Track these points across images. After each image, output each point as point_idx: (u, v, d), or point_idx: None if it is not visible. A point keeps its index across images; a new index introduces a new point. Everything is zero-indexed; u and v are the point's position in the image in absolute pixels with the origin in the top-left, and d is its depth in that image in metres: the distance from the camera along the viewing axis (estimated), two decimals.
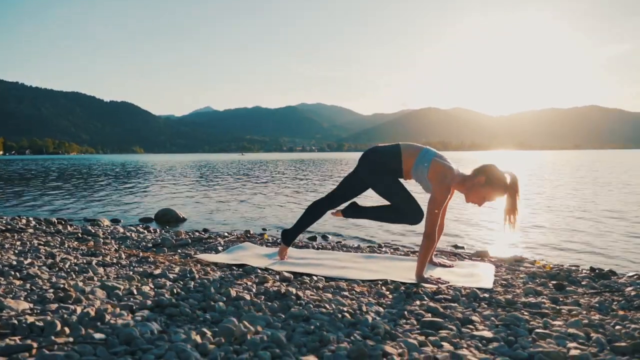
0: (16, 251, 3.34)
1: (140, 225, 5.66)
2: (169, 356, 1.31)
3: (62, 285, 2.18)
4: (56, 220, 5.63)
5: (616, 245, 4.64)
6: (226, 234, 5.01)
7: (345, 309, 2.07)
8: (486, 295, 2.44)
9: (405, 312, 2.05)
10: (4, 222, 5.16)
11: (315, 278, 2.84)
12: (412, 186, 3.05)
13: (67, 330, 1.49)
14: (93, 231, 4.77)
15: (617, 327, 1.88)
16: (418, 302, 2.28)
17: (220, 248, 3.97)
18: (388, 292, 2.52)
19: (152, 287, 2.36)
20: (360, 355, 1.39)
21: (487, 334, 1.74)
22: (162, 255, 3.50)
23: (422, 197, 2.89)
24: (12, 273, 2.46)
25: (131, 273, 2.71)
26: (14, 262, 2.81)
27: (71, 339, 1.41)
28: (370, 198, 4.06)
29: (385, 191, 3.04)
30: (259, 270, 3.03)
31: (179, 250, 3.88)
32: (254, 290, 2.42)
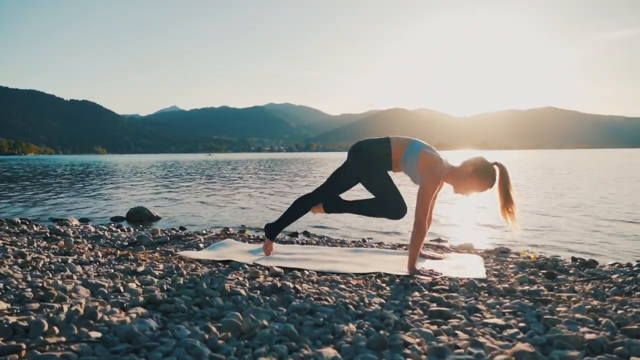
0: None
1: (113, 225, 5.40)
2: (178, 353, 1.20)
3: (40, 284, 2.01)
4: (20, 221, 5.30)
5: (589, 237, 4.77)
6: (204, 231, 4.84)
7: (347, 301, 2.00)
8: (484, 284, 2.42)
9: (410, 303, 1.99)
10: None
11: (307, 272, 2.75)
12: (398, 179, 3.02)
13: (56, 329, 1.35)
14: (62, 230, 4.50)
15: (619, 311, 1.89)
16: (417, 293, 2.24)
17: (201, 245, 3.82)
18: (385, 284, 2.47)
19: (139, 284, 2.21)
20: (382, 345, 1.32)
21: (498, 321, 1.70)
22: (142, 253, 3.33)
23: (410, 190, 2.86)
24: None
25: (112, 271, 2.54)
26: None
27: (63, 339, 1.27)
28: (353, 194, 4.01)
29: (373, 184, 3.00)
30: (247, 266, 2.92)
31: (158, 248, 3.71)
32: (247, 285, 2.31)
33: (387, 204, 2.96)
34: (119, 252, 3.34)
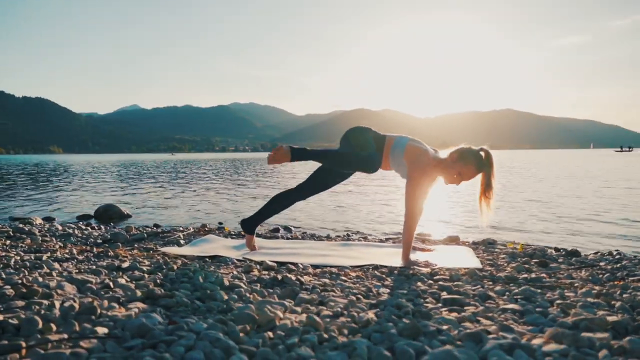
0: None
1: (81, 223, 5.10)
2: (202, 346, 1.08)
3: (19, 281, 1.82)
4: None
5: (563, 228, 4.91)
6: (182, 228, 4.65)
7: (355, 291, 1.92)
8: (485, 273, 2.41)
9: (420, 292, 1.94)
10: None
11: (301, 266, 2.66)
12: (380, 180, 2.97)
13: (53, 326, 1.20)
14: (26, 229, 4.20)
15: (625, 295, 1.91)
16: (420, 283, 2.19)
17: (182, 242, 3.65)
18: (385, 275, 2.41)
19: (128, 279, 2.05)
20: (416, 332, 1.25)
21: (515, 306, 1.67)
22: (121, 250, 3.13)
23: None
24: None
25: (94, 267, 2.36)
26: None
27: (65, 336, 1.13)
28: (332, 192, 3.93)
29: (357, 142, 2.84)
30: (236, 261, 2.80)
31: (136, 245, 3.51)
32: (244, 278, 2.20)
33: (365, 155, 2.78)
34: (95, 249, 3.13)
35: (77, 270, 2.27)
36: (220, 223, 5.28)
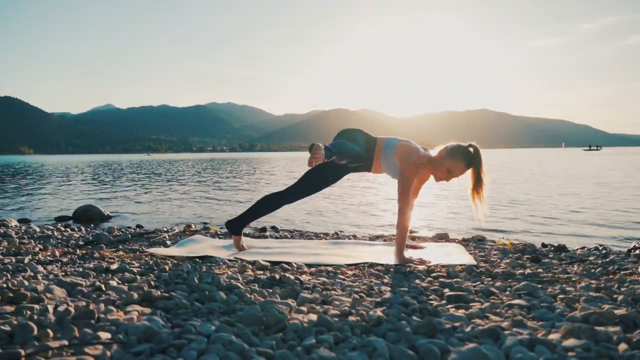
0: None
1: (60, 224, 4.92)
2: (216, 350, 1.02)
3: (4, 285, 1.71)
4: None
5: (543, 225, 4.99)
6: (165, 228, 4.53)
7: (357, 289, 1.88)
8: (482, 269, 2.40)
9: (422, 289, 1.91)
10: None
11: (295, 265, 2.60)
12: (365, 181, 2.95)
13: (50, 332, 1.12)
14: (1, 231, 4.02)
15: (623, 288, 1.93)
16: (418, 281, 2.17)
17: (168, 242, 3.55)
18: (382, 273, 2.38)
19: (120, 281, 1.96)
20: (432, 330, 1.22)
21: (520, 302, 1.66)
22: (107, 251, 3.02)
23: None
24: None
25: (81, 269, 2.25)
26: None
27: (65, 342, 1.05)
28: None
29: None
30: (228, 261, 2.73)
31: (121, 246, 3.39)
32: (240, 279, 2.13)
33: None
34: (78, 251, 3.01)
35: (63, 273, 2.16)
36: (205, 223, 5.18)
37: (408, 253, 2.98)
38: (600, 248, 3.47)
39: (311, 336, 1.16)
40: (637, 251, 3.23)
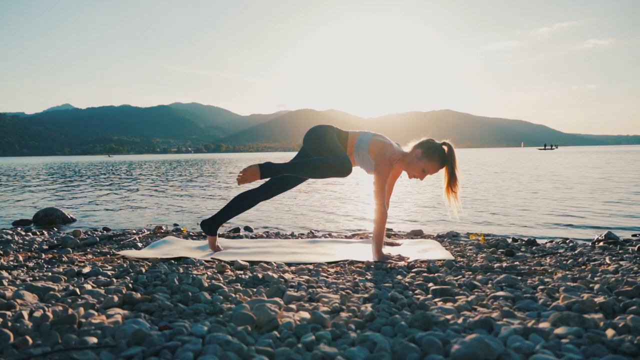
0: None
1: (20, 228, 4.67)
2: (212, 350, 0.98)
3: None
4: None
5: (508, 219, 5.15)
6: (134, 230, 4.38)
7: (342, 286, 1.87)
8: (462, 264, 2.44)
9: (406, 284, 1.92)
10: None
11: (275, 264, 2.57)
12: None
13: (28, 339, 1.05)
14: None
15: (596, 278, 2.00)
16: (400, 277, 2.18)
17: (140, 244, 3.43)
18: (364, 270, 2.38)
19: (95, 285, 1.87)
20: (427, 323, 1.22)
21: (504, 294, 1.69)
22: (76, 255, 2.88)
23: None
24: None
25: (50, 274, 2.14)
26: None
27: (48, 348, 0.98)
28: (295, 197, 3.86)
29: (324, 147, 2.81)
30: (205, 262, 2.66)
31: (89, 250, 3.25)
32: (221, 279, 2.08)
33: (337, 161, 2.69)
34: (43, 255, 2.86)
35: (31, 278, 2.05)
36: (175, 224, 5.04)
37: (386, 250, 2.99)
38: (567, 241, 3.60)
39: (309, 333, 1.14)
40: (601, 243, 3.38)
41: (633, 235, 3.83)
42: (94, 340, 1.04)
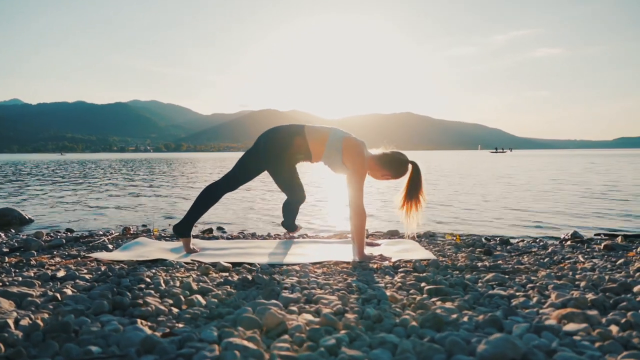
0: None
1: None
2: (231, 357, 0.93)
3: None
4: None
5: (474, 219, 5.29)
6: (101, 232, 4.19)
7: (337, 287, 1.85)
8: (446, 263, 2.47)
9: (400, 284, 1.92)
10: None
11: (258, 266, 2.51)
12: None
13: (22, 351, 0.96)
14: None
15: (578, 275, 2.07)
16: (388, 277, 2.18)
17: (110, 246, 3.27)
18: (351, 271, 2.36)
19: (75, 290, 1.76)
20: (438, 323, 1.21)
21: (498, 292, 1.72)
22: (44, 257, 2.71)
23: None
24: None
25: (20, 279, 1.99)
26: None
27: (50, 359, 0.90)
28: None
29: (280, 176, 2.96)
30: (185, 264, 2.56)
31: (55, 252, 3.07)
32: (208, 281, 2.01)
33: (293, 194, 3.05)
34: (7, 258, 2.67)
35: (0, 284, 1.90)
36: (144, 225, 4.86)
37: (368, 250, 2.99)
38: (538, 240, 3.73)
39: (327, 336, 1.10)
40: (569, 242, 3.52)
41: (596, 235, 4.02)
42: (97, 349, 0.96)
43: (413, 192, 2.75)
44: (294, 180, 3.02)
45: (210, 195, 2.95)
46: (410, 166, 2.79)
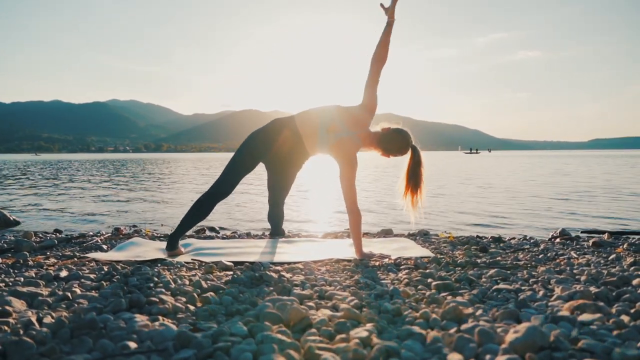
0: None
1: None
2: (268, 350, 0.94)
3: None
4: None
5: (461, 219, 5.40)
6: (91, 233, 4.12)
7: (346, 283, 1.87)
8: (448, 260, 2.52)
9: (406, 280, 1.95)
10: None
11: (260, 264, 2.51)
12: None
13: (55, 348, 0.95)
14: None
15: (575, 270, 2.14)
16: (392, 274, 2.21)
17: (104, 247, 3.23)
18: (355, 268, 2.39)
19: (84, 289, 1.74)
20: (458, 315, 1.25)
21: (504, 286, 1.77)
22: (39, 258, 2.66)
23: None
24: None
25: (22, 279, 1.96)
26: None
27: (87, 355, 0.90)
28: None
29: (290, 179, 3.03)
30: (185, 264, 2.55)
31: (48, 253, 3.01)
32: (215, 280, 2.00)
33: (283, 194, 3.16)
34: (1, 260, 2.62)
35: (3, 284, 1.86)
36: (134, 225, 4.80)
37: (367, 248, 3.02)
38: (528, 237, 3.83)
39: (358, 329, 1.12)
40: (558, 239, 3.62)
41: (582, 232, 4.14)
42: (134, 345, 0.96)
43: (412, 177, 2.75)
44: (292, 180, 3.02)
45: (204, 207, 2.80)
46: (410, 150, 2.80)
